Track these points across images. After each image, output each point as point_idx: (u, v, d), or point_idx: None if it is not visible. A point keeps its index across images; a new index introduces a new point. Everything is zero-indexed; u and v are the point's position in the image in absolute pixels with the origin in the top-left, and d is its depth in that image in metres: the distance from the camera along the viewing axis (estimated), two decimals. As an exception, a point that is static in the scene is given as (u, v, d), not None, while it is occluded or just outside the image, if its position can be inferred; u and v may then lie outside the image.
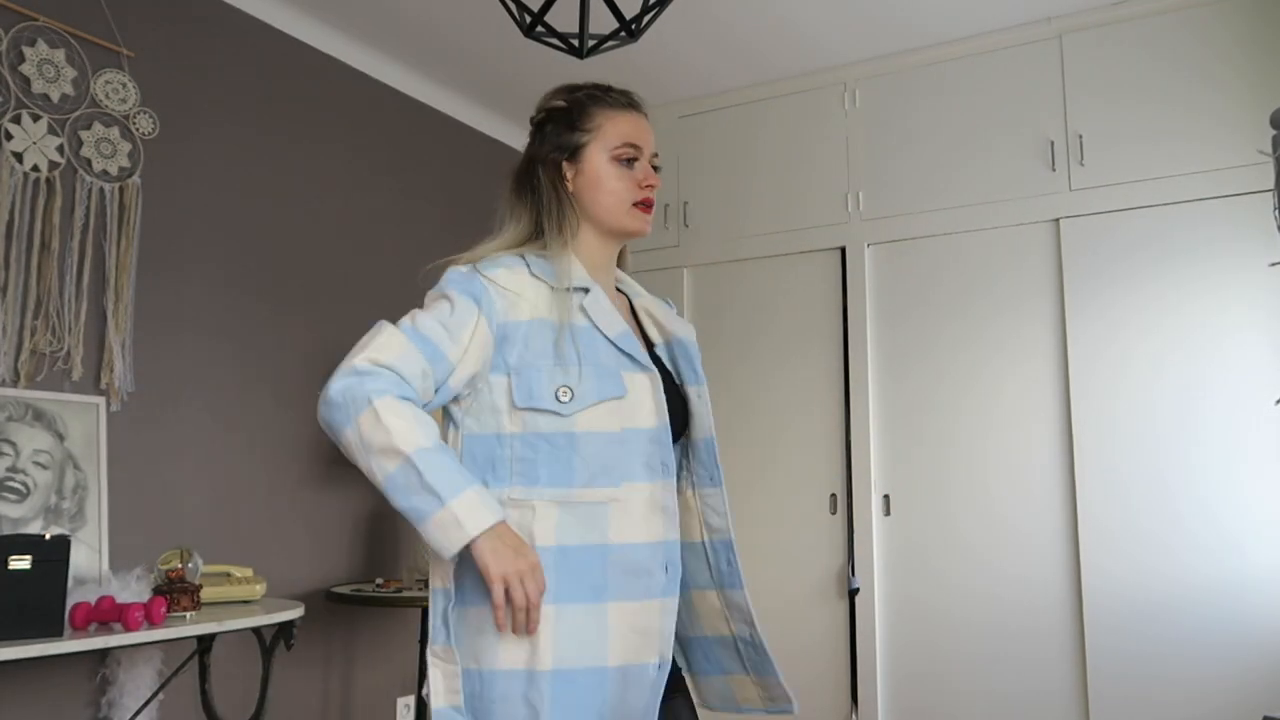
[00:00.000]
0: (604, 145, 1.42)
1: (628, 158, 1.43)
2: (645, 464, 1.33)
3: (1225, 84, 2.90)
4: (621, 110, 1.45)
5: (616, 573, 1.29)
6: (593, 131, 1.43)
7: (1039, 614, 2.98)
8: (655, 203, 1.46)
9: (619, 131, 1.43)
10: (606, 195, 1.42)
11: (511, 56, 3.40)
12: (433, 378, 1.27)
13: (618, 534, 1.29)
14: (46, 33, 2.47)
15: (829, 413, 3.40)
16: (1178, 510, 2.83)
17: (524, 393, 1.30)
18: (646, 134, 1.46)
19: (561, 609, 1.26)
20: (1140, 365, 2.93)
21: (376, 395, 1.22)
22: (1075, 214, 3.06)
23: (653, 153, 1.46)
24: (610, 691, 1.26)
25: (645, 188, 1.43)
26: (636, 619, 1.29)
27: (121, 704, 2.42)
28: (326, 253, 3.22)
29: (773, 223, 3.57)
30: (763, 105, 3.66)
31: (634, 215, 1.43)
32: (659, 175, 1.47)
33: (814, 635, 3.31)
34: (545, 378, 1.30)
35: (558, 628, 1.26)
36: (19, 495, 2.27)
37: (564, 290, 1.34)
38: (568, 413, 1.29)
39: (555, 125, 1.45)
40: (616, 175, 1.42)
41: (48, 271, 2.42)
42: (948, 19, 3.18)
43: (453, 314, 1.29)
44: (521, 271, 1.35)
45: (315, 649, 3.04)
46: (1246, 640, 2.70)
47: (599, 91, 1.46)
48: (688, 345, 1.51)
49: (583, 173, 1.42)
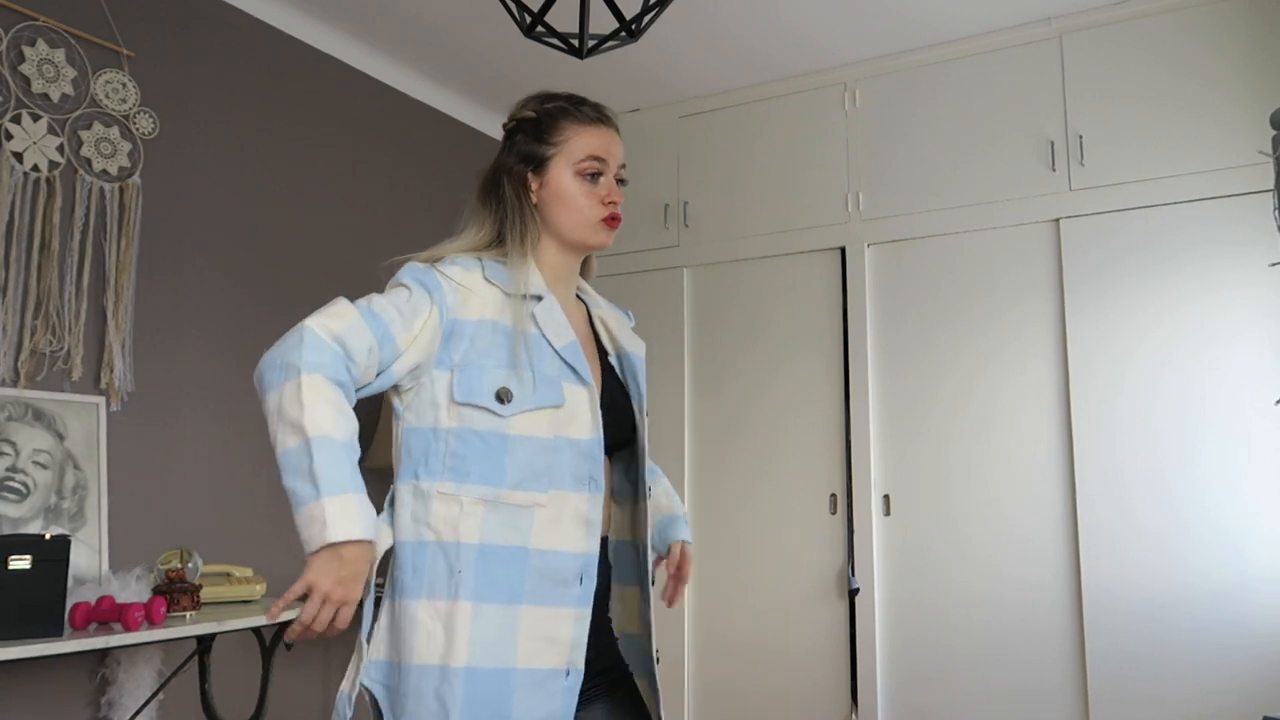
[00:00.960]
0: (569, 159, 1.44)
1: (592, 172, 1.44)
2: (574, 475, 1.35)
3: (1225, 84, 2.90)
4: (590, 124, 1.47)
5: (533, 578, 1.30)
6: (559, 145, 1.45)
7: (1039, 613, 2.98)
8: (621, 216, 1.48)
9: (585, 145, 1.44)
10: (569, 210, 1.44)
11: (511, 56, 3.40)
12: (378, 356, 1.29)
13: (539, 540, 1.31)
14: (46, 32, 2.47)
15: (829, 413, 3.40)
16: (1178, 510, 2.83)
17: (464, 389, 1.32)
18: (614, 148, 1.47)
19: (479, 607, 1.28)
20: (1140, 365, 2.93)
21: (308, 370, 1.23)
22: (1075, 214, 3.06)
23: (620, 165, 1.48)
24: (518, 695, 1.27)
25: (609, 203, 1.45)
26: (547, 626, 1.31)
27: (121, 704, 2.42)
28: (326, 252, 3.22)
29: (773, 223, 3.57)
30: (763, 105, 3.66)
31: (596, 230, 1.45)
32: (624, 188, 1.49)
33: (814, 635, 3.31)
34: (487, 377, 1.32)
35: (474, 625, 1.27)
36: (19, 495, 2.27)
37: (519, 297, 1.37)
38: (506, 414, 1.32)
39: (524, 135, 1.47)
40: (580, 190, 1.44)
41: (48, 271, 2.42)
42: (948, 19, 3.18)
43: (408, 301, 1.32)
44: (476, 272, 1.37)
45: (315, 649, 3.03)
46: (1246, 640, 2.70)
47: (569, 104, 1.48)
48: (635, 361, 1.52)
49: (547, 185, 1.44)
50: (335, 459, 1.22)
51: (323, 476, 1.21)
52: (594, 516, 1.36)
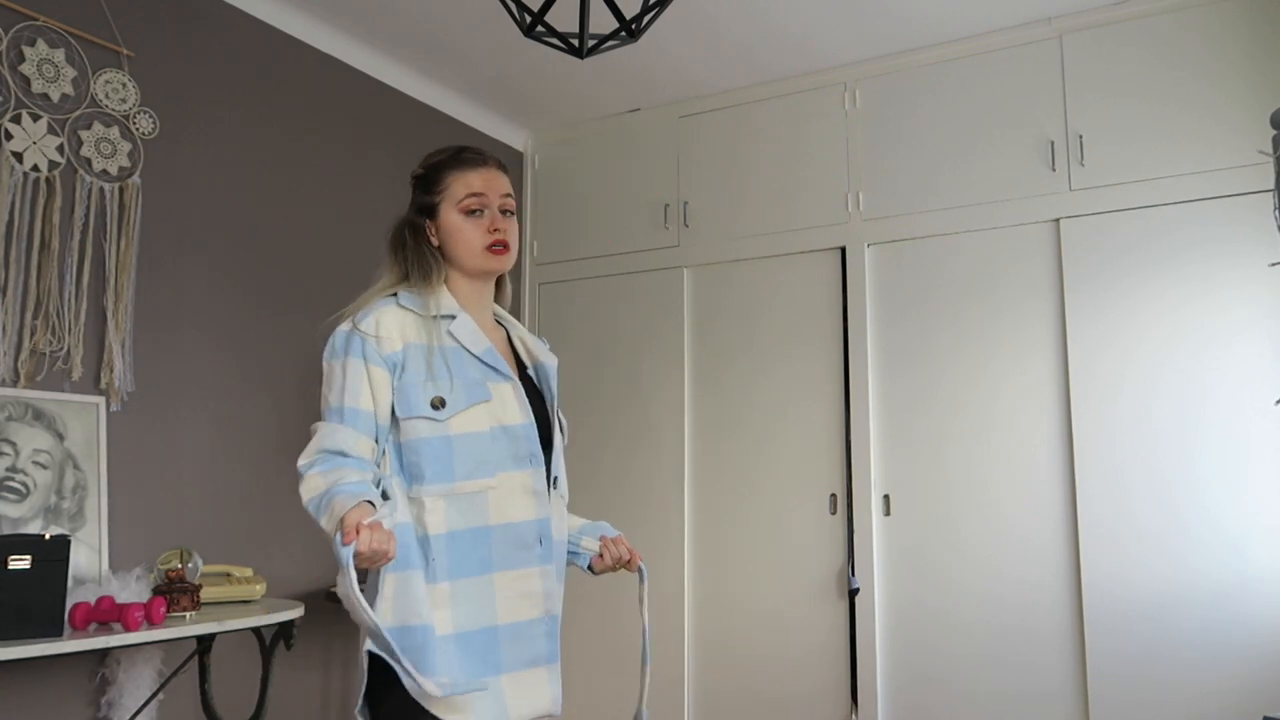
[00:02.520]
0: (452, 202, 1.66)
1: (474, 208, 1.66)
2: (514, 455, 1.58)
3: (1225, 84, 2.91)
4: (469, 168, 1.68)
5: (500, 547, 1.55)
6: (443, 192, 1.67)
7: (1039, 613, 2.98)
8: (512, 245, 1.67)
9: (465, 185, 1.66)
10: (460, 244, 1.66)
11: (511, 56, 3.40)
12: (369, 436, 1.52)
13: (497, 516, 1.56)
14: (46, 32, 2.47)
15: (829, 413, 3.40)
16: (1178, 510, 2.83)
17: (404, 405, 1.54)
18: (494, 183, 1.68)
19: (455, 584, 1.52)
20: (1140, 365, 2.93)
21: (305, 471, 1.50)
22: (1075, 214, 3.06)
23: (503, 194, 1.68)
24: (504, 644, 1.54)
25: (493, 231, 1.65)
26: (520, 584, 1.56)
27: (121, 704, 2.42)
28: (326, 253, 3.22)
29: (772, 223, 3.57)
30: (763, 105, 3.66)
31: (487, 256, 1.66)
32: (511, 218, 1.69)
33: (814, 635, 3.31)
34: (420, 390, 1.54)
35: (453, 600, 1.51)
36: (19, 495, 2.27)
37: (430, 317, 1.59)
38: (443, 418, 1.54)
39: (418, 191, 1.71)
40: (466, 227, 1.65)
41: (48, 271, 2.42)
42: (948, 19, 3.18)
43: (345, 378, 1.54)
44: (390, 309, 1.59)
45: (315, 649, 3.04)
46: (1246, 640, 2.70)
47: (449, 156, 1.70)
48: (548, 370, 1.74)
49: (441, 227, 1.67)
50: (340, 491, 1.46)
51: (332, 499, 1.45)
52: (539, 487, 1.60)
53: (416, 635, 1.47)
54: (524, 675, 1.56)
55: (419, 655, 1.46)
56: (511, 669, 1.54)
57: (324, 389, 1.57)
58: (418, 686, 1.42)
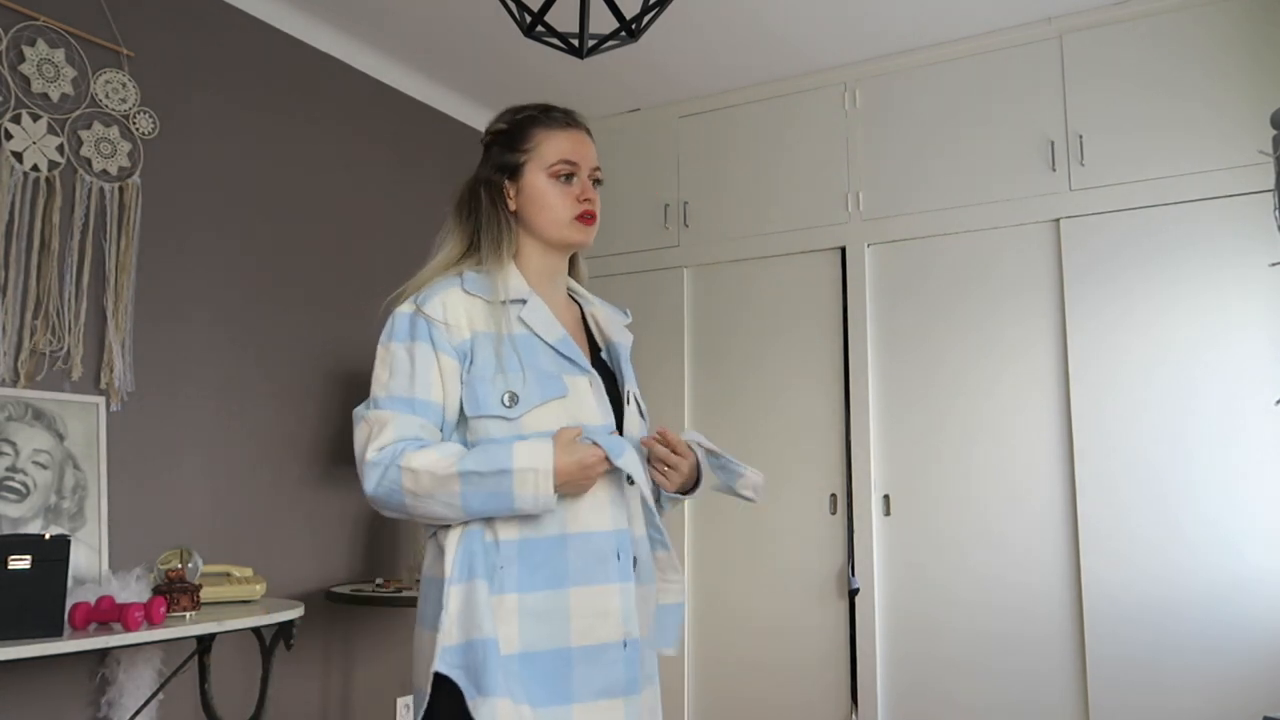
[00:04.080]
0: (541, 163, 1.51)
1: (565, 174, 1.51)
2: None
3: (1225, 83, 2.90)
4: (560, 129, 1.53)
5: (576, 560, 1.38)
6: (530, 151, 1.51)
7: (1039, 613, 2.98)
8: (598, 216, 1.54)
9: (556, 149, 1.51)
10: (545, 211, 1.50)
11: (511, 56, 3.40)
12: (432, 427, 1.39)
13: (574, 524, 1.39)
14: (46, 32, 2.47)
15: (829, 413, 3.40)
16: (1177, 511, 2.83)
17: (473, 403, 1.40)
18: (586, 150, 1.54)
19: (524, 598, 1.36)
20: (1141, 366, 2.93)
21: (399, 459, 1.34)
22: (1075, 214, 3.06)
23: (593, 166, 1.54)
24: (576, 670, 1.36)
25: (583, 201, 1.51)
26: (597, 602, 1.38)
27: (121, 704, 2.42)
28: (326, 253, 3.22)
29: (772, 223, 3.57)
30: (763, 105, 3.66)
31: (574, 228, 1.51)
32: (599, 188, 1.55)
33: (814, 635, 3.31)
34: (490, 386, 1.39)
35: (521, 615, 1.35)
36: (19, 495, 2.27)
37: (499, 303, 1.44)
38: (514, 416, 1.39)
39: (498, 147, 1.54)
40: (554, 192, 1.50)
41: (48, 271, 2.42)
42: (948, 19, 3.18)
43: (413, 363, 1.40)
44: (454, 293, 1.44)
45: (315, 649, 3.03)
46: (1247, 642, 2.70)
47: (539, 112, 1.55)
48: (619, 349, 1.59)
49: (523, 191, 1.51)
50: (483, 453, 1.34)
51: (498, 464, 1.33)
52: (619, 495, 1.44)
53: (477, 651, 1.32)
54: (597, 707, 1.37)
55: (478, 674, 1.31)
56: (583, 699, 1.36)
57: (383, 374, 1.41)
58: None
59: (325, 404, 3.15)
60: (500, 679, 1.31)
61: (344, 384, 3.23)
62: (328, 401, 3.16)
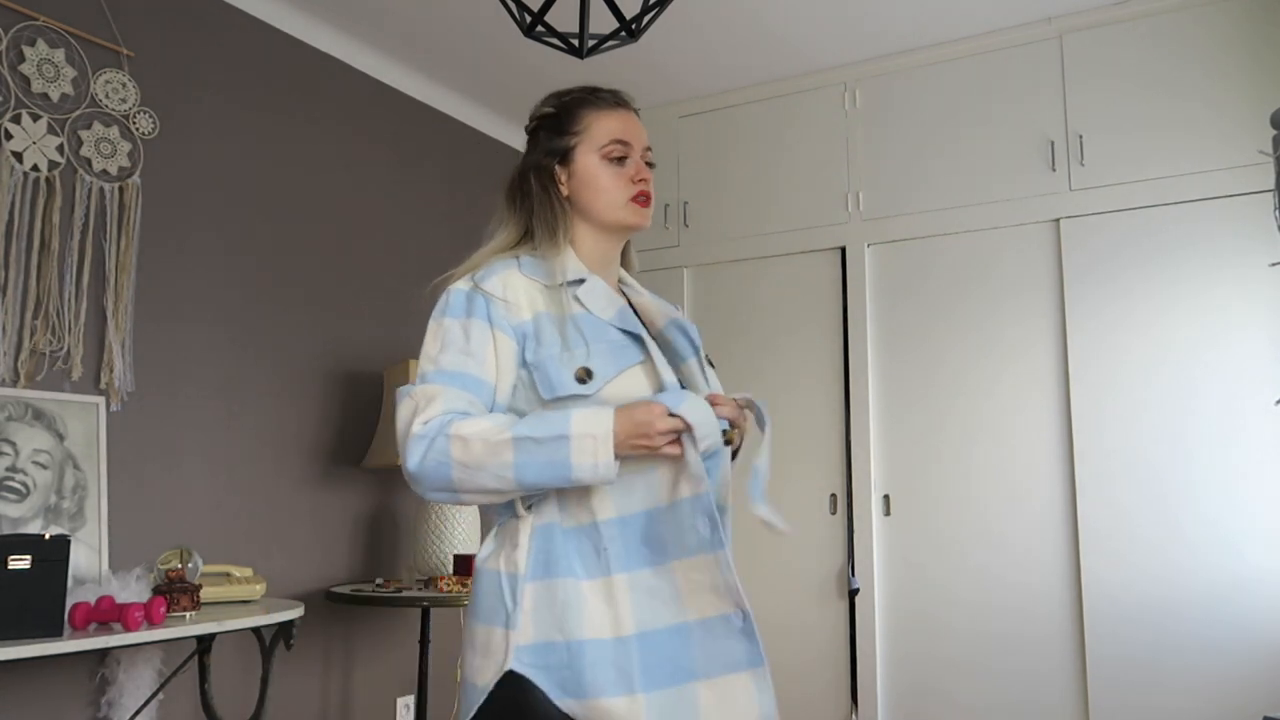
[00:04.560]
0: (593, 145, 1.45)
1: (617, 155, 1.46)
2: None
3: (1225, 83, 2.90)
4: (609, 109, 1.48)
5: (674, 532, 1.31)
6: (581, 133, 1.46)
7: (1039, 613, 2.98)
8: (653, 197, 1.49)
9: (607, 130, 1.46)
10: (599, 193, 1.45)
11: (511, 56, 3.40)
12: (481, 405, 1.31)
13: (666, 494, 1.32)
14: (46, 32, 2.47)
15: (829, 413, 3.40)
16: (1177, 511, 2.83)
17: (547, 386, 1.33)
18: (636, 130, 1.48)
19: (633, 575, 1.30)
20: (1141, 366, 2.93)
21: (449, 430, 1.26)
22: (1075, 214, 3.06)
23: (645, 147, 1.49)
24: (698, 646, 1.30)
25: (638, 181, 1.46)
26: (703, 575, 1.31)
27: (121, 704, 2.42)
28: (326, 253, 3.22)
29: (773, 223, 3.57)
30: (763, 105, 3.66)
31: (630, 209, 1.46)
32: (653, 170, 1.49)
33: (814, 635, 3.30)
34: (561, 366, 1.33)
35: (633, 593, 1.30)
36: (19, 495, 2.27)
37: (558, 286, 1.38)
38: (591, 391, 1.31)
39: (546, 131, 1.49)
40: (608, 173, 1.45)
41: (48, 271, 2.42)
42: (948, 19, 3.18)
43: (468, 339, 1.33)
44: (513, 273, 1.38)
45: (315, 649, 3.03)
46: (1247, 642, 2.70)
47: (586, 93, 1.49)
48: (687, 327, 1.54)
49: (575, 174, 1.46)
50: (539, 420, 1.27)
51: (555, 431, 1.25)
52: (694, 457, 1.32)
53: (560, 651, 1.27)
54: (725, 682, 1.31)
55: (572, 673, 1.26)
56: (709, 675, 1.31)
57: (433, 349, 1.34)
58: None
59: (325, 404, 3.15)
60: (604, 673, 1.26)
61: (344, 384, 3.23)
62: (328, 401, 3.16)
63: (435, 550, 3.00)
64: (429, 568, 3.01)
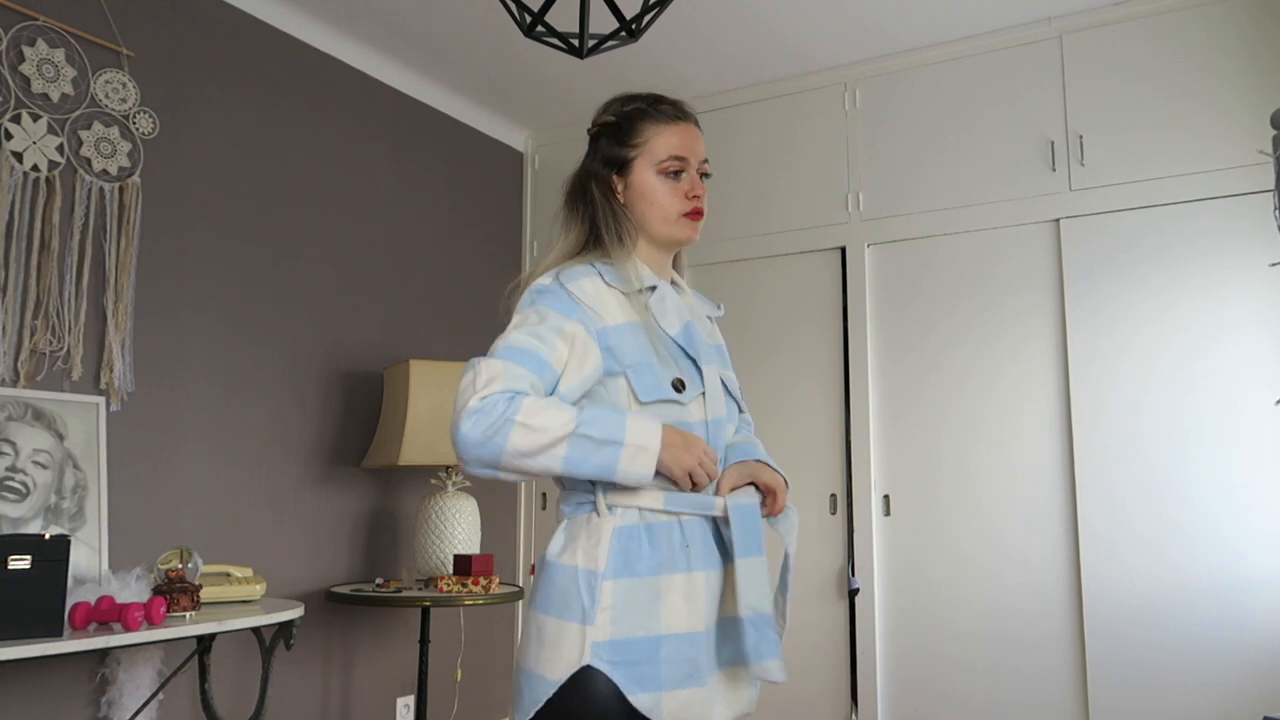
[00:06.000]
0: (651, 160, 1.49)
1: (674, 170, 1.49)
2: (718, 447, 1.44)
3: (1225, 84, 2.90)
4: (669, 123, 1.51)
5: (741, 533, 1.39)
6: (640, 146, 1.49)
7: (1039, 613, 2.98)
8: (705, 210, 1.52)
9: (666, 145, 1.49)
10: (654, 208, 1.48)
11: (511, 56, 3.40)
12: (542, 387, 1.33)
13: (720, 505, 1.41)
14: (46, 32, 2.47)
15: (829, 413, 3.40)
16: (1177, 511, 2.83)
17: (645, 389, 1.37)
18: (694, 144, 1.51)
19: (708, 575, 1.39)
20: (1141, 367, 2.93)
21: (513, 413, 1.27)
22: (1075, 214, 3.06)
23: (702, 159, 1.51)
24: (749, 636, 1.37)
25: (691, 198, 1.49)
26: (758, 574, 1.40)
27: (121, 704, 2.42)
28: (327, 253, 3.22)
29: (773, 223, 3.57)
30: (762, 105, 3.66)
31: (681, 224, 1.50)
32: (707, 182, 1.52)
33: (814, 635, 3.31)
34: (659, 372, 1.38)
35: (707, 591, 1.38)
36: (19, 495, 2.27)
37: (637, 292, 1.42)
38: (685, 401, 1.39)
39: (607, 140, 1.52)
40: (663, 189, 1.48)
41: (48, 271, 2.42)
42: (948, 19, 3.18)
43: (543, 323, 1.35)
44: (598, 280, 1.42)
45: (315, 649, 3.04)
46: (1247, 642, 2.70)
47: (648, 105, 1.52)
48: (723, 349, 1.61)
49: (631, 186, 1.49)
50: (598, 419, 1.30)
51: (610, 434, 1.30)
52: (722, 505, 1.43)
53: (641, 647, 1.32)
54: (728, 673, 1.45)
55: (646, 670, 1.31)
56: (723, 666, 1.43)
57: (509, 330, 1.37)
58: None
59: (325, 404, 3.16)
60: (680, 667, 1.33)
61: (344, 384, 3.23)
62: (327, 401, 3.16)
63: (435, 550, 3.00)
64: (429, 568, 3.01)
